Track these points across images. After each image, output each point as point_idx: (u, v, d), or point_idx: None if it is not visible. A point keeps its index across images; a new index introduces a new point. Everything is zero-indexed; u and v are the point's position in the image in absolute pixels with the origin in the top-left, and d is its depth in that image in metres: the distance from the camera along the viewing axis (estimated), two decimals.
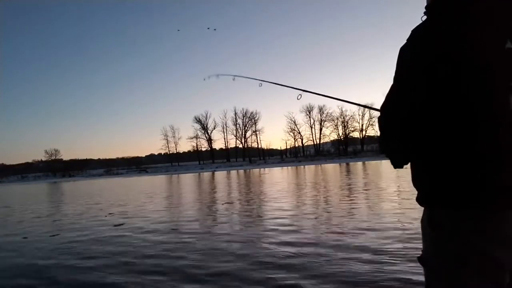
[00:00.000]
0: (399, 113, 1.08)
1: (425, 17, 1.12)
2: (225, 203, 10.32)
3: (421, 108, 1.03)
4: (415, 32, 1.08)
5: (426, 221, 1.10)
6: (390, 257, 3.84)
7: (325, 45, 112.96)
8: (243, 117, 76.42)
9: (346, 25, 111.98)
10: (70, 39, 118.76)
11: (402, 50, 1.09)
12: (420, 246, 1.16)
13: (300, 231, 5.59)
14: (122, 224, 7.50)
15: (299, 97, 2.03)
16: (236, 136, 77.36)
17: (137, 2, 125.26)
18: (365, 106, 2.00)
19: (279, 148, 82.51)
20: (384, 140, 1.16)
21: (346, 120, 70.49)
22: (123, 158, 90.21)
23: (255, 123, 76.44)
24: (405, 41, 1.09)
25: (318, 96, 2.02)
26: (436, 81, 1.00)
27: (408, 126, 1.07)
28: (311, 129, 74.18)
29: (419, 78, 1.03)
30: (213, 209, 9.18)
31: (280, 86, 2.47)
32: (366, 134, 71.95)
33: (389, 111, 1.12)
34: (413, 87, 1.04)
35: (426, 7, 1.14)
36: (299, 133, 74.62)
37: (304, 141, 75.17)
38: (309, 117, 73.56)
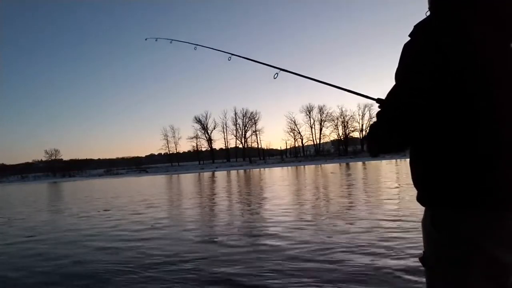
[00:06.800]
0: (400, 111, 1.05)
1: (429, 13, 1.10)
2: (103, 210, 10.36)
3: (423, 107, 1.01)
4: (418, 28, 1.06)
5: (428, 221, 1.09)
6: None
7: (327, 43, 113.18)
8: (243, 117, 76.59)
9: (344, 26, 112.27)
10: (71, 39, 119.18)
11: (406, 47, 1.07)
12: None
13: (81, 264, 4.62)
14: None
15: (275, 76, 1.89)
16: (236, 136, 77.53)
17: (137, 2, 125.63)
18: (353, 92, 1.53)
19: (279, 148, 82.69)
20: (378, 133, 1.11)
21: (346, 120, 70.55)
22: (123, 158, 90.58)
23: (255, 123, 76.66)
24: (408, 37, 1.06)
25: (298, 76, 1.76)
26: (438, 79, 0.98)
27: (409, 125, 1.04)
28: (311, 129, 74.35)
29: (422, 77, 1.01)
30: (75, 217, 9.29)
31: (251, 61, 2.13)
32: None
33: (390, 109, 1.10)
34: (415, 86, 1.02)
35: (429, 3, 1.12)
36: (299, 133, 74.83)
37: (304, 141, 75.38)
38: (309, 117, 73.74)
